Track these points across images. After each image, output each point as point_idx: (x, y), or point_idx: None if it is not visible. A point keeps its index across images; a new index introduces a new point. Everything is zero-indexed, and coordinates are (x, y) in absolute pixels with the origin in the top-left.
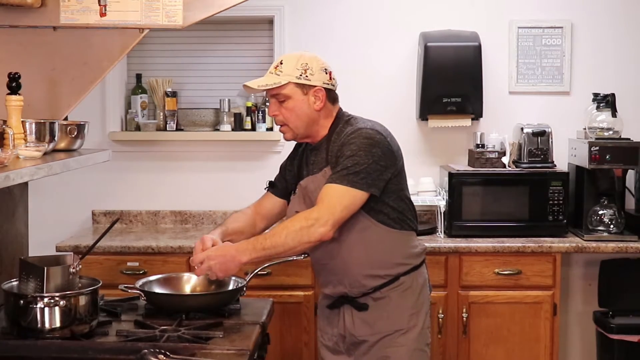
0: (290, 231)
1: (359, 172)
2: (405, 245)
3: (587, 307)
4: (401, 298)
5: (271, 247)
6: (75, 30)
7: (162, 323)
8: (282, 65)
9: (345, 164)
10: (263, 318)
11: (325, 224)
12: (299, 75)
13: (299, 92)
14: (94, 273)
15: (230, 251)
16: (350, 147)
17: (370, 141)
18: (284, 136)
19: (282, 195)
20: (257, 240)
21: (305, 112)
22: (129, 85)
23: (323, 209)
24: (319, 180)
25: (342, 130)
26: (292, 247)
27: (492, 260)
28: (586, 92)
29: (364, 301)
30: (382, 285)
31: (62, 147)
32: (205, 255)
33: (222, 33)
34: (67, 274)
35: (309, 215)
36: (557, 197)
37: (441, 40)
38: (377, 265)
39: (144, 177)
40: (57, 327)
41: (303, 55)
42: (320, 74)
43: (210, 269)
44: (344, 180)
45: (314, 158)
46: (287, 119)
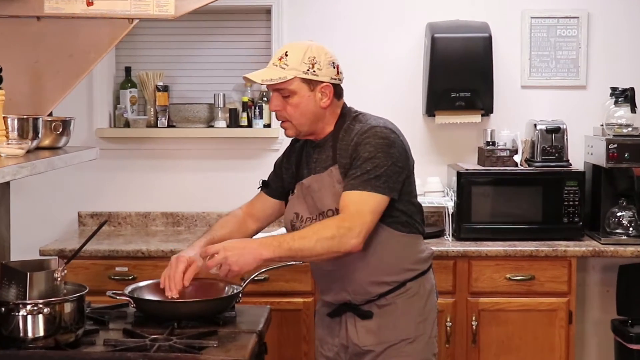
0: (321, 237)
1: (380, 176)
2: (413, 250)
3: (605, 315)
4: (408, 305)
5: (298, 249)
6: (61, 20)
7: (152, 332)
8: (287, 58)
9: (364, 168)
10: (260, 326)
11: (358, 236)
12: (306, 70)
13: (305, 88)
14: (80, 279)
15: (252, 244)
16: (366, 148)
17: (386, 141)
18: (285, 132)
19: (277, 196)
20: (283, 238)
21: (310, 109)
22: (118, 79)
23: (355, 218)
24: (324, 179)
25: (351, 127)
26: (319, 254)
27: (503, 265)
28: (603, 86)
29: (367, 309)
30: (388, 292)
31: (47, 145)
32: (222, 246)
33: (217, 24)
34: (51, 280)
35: (341, 223)
36: (573, 198)
37: (449, 31)
38: (384, 271)
39: (134, 177)
40: (40, 336)
41: (310, 47)
42: (328, 68)
43: (226, 261)
44: (367, 186)
45: (317, 156)
46: (290, 115)
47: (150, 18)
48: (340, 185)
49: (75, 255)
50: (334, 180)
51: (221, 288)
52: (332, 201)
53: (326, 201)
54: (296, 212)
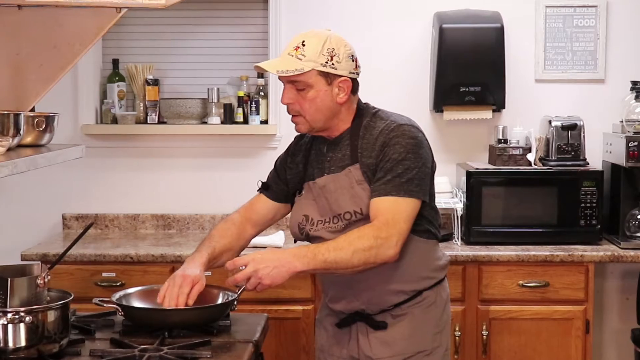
0: (357, 249)
1: (412, 179)
2: (432, 257)
3: (624, 324)
4: (424, 315)
5: (333, 262)
6: (43, 9)
7: (142, 342)
8: (304, 48)
9: (395, 171)
10: (256, 336)
11: (395, 246)
12: (325, 62)
13: (322, 82)
14: (64, 285)
15: (285, 256)
16: (396, 149)
17: (415, 141)
18: (296, 127)
19: (278, 198)
20: (318, 249)
21: (327, 104)
22: (105, 72)
23: (391, 227)
24: (340, 179)
25: (371, 125)
26: (354, 267)
27: (515, 271)
28: (623, 80)
29: (381, 319)
30: (404, 302)
31: (29, 142)
32: (251, 257)
33: (210, 13)
34: (33, 286)
35: (378, 233)
36: (590, 199)
37: (458, 21)
38: (404, 279)
39: (122, 176)
40: (22, 347)
41: (329, 38)
42: (348, 61)
43: (256, 274)
44: (401, 191)
45: (331, 154)
46: (304, 109)
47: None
48: (360, 186)
49: (59, 260)
50: (352, 180)
51: (215, 295)
52: (351, 203)
53: (343, 203)
54: (305, 215)
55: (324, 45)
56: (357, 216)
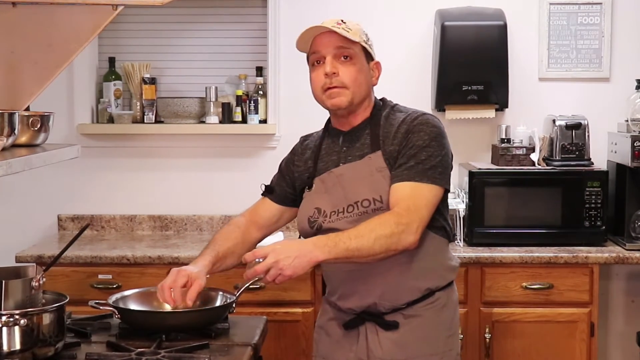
0: (379, 235)
1: (436, 166)
2: (445, 256)
3: (630, 326)
4: (437, 317)
5: (355, 249)
6: (38, 6)
7: (138, 345)
8: (346, 24)
9: (419, 157)
10: (255, 339)
11: (415, 232)
12: (365, 40)
13: (364, 58)
14: (60, 287)
15: (306, 245)
16: (420, 136)
17: (439, 130)
18: (335, 100)
19: (282, 201)
20: (338, 238)
21: (366, 80)
22: (101, 71)
23: (412, 213)
24: (359, 167)
25: (392, 116)
26: (376, 254)
27: (519, 273)
28: (628, 79)
29: (392, 318)
30: (416, 301)
31: (24, 142)
32: (271, 248)
33: (208, 11)
34: (28, 289)
35: (399, 219)
36: (595, 199)
37: (460, 18)
38: (419, 274)
39: (118, 177)
40: (17, 350)
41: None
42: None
43: (277, 265)
44: (424, 177)
45: (348, 144)
46: (350, 80)
47: (136, 4)
48: (380, 173)
49: (54, 262)
50: (372, 168)
51: (213, 297)
52: (369, 190)
53: (361, 190)
54: (317, 207)
55: (360, 27)
56: (376, 204)
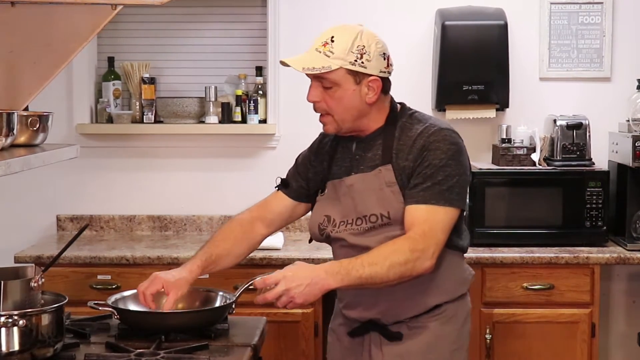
0: (394, 263)
1: (453, 187)
2: (456, 269)
3: (631, 327)
4: (442, 329)
5: (369, 277)
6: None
7: (138, 345)
8: (333, 44)
9: (436, 177)
10: (255, 339)
11: (432, 257)
12: (354, 60)
13: (350, 81)
14: (58, 288)
15: (318, 272)
16: (437, 155)
17: (456, 147)
18: (324, 128)
19: (296, 197)
20: (351, 265)
21: (354, 104)
22: (100, 71)
23: (428, 238)
24: (369, 180)
25: (408, 126)
26: (390, 281)
27: (519, 273)
28: (630, 78)
29: (396, 329)
30: (422, 314)
31: (22, 142)
32: (282, 275)
33: (208, 10)
34: (27, 289)
35: (414, 246)
36: (596, 200)
37: (461, 18)
38: (427, 290)
39: (117, 177)
40: (15, 351)
41: (360, 34)
42: (378, 60)
43: (288, 293)
44: (441, 199)
45: (361, 153)
46: (331, 108)
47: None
48: (389, 188)
49: (53, 262)
50: (382, 181)
51: (213, 298)
52: (378, 205)
53: (370, 204)
54: (327, 215)
55: (354, 42)
56: (383, 220)
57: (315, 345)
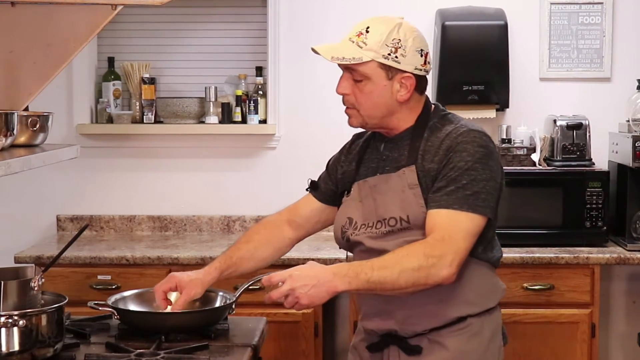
0: (405, 268)
1: (479, 193)
2: (483, 282)
3: (631, 327)
4: (465, 345)
5: (377, 282)
6: (37, 6)
7: (138, 346)
8: (367, 35)
9: (459, 181)
10: (255, 340)
11: (450, 265)
12: (388, 53)
13: (382, 75)
14: (59, 288)
15: (325, 274)
16: (463, 157)
17: (485, 151)
18: (349, 121)
19: (325, 200)
20: (361, 268)
21: (384, 100)
22: (100, 71)
23: (446, 245)
24: (392, 181)
25: (438, 127)
26: (402, 288)
27: (520, 274)
28: (630, 79)
29: (416, 342)
30: (443, 326)
31: (22, 142)
32: (288, 274)
33: (208, 10)
34: (27, 289)
35: (430, 251)
36: (596, 200)
37: (461, 18)
38: (446, 300)
39: (117, 177)
40: (15, 351)
41: (397, 27)
42: (414, 56)
43: (293, 293)
44: (464, 204)
45: (387, 153)
46: (360, 103)
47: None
48: (411, 190)
49: (53, 263)
50: (404, 183)
51: (213, 298)
52: (398, 208)
53: (390, 207)
54: (349, 217)
55: (389, 34)
56: (402, 224)
57: (315, 346)
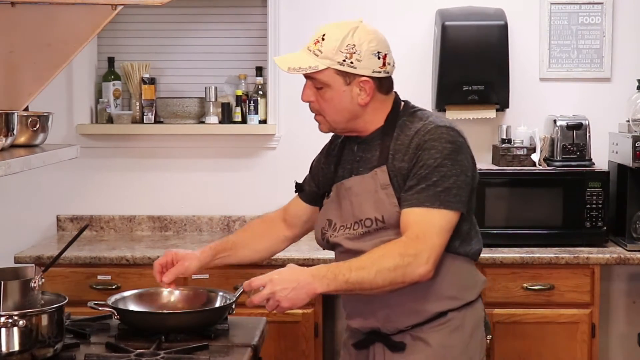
0: (381, 268)
1: (450, 188)
2: (462, 276)
3: (631, 327)
4: (448, 340)
5: (356, 282)
6: (37, 6)
7: (138, 346)
8: (323, 43)
9: (430, 179)
10: (255, 340)
11: (426, 262)
12: (343, 60)
13: (340, 82)
14: (58, 288)
15: (305, 277)
16: (431, 154)
17: (453, 146)
18: (318, 127)
19: (310, 200)
20: (339, 269)
21: (345, 105)
22: (100, 71)
23: (421, 243)
24: (366, 182)
25: (408, 125)
26: (380, 287)
27: (520, 274)
28: (630, 79)
29: (400, 339)
30: (424, 322)
31: (22, 142)
32: (269, 278)
33: (208, 10)
34: (27, 290)
35: (405, 250)
36: (596, 200)
37: (461, 18)
38: (422, 297)
39: (117, 177)
40: (15, 351)
41: (352, 32)
42: (371, 59)
43: (274, 296)
44: (436, 201)
45: (361, 154)
46: (323, 109)
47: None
48: (384, 191)
49: (53, 263)
50: (377, 184)
51: (213, 298)
52: (373, 209)
53: (365, 208)
54: (329, 219)
55: (343, 40)
56: (378, 224)
57: (315, 346)
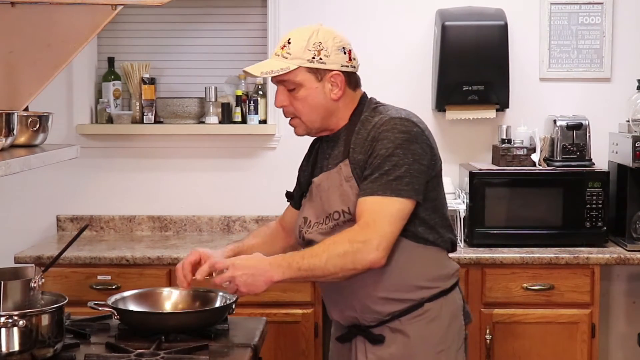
0: (331, 255)
1: (402, 177)
2: (432, 266)
3: (631, 327)
4: (425, 331)
5: (309, 269)
6: (37, 6)
7: (138, 346)
8: (290, 46)
9: (382, 168)
10: (255, 340)
11: (377, 249)
12: (312, 57)
13: (312, 79)
14: (58, 288)
15: (263, 264)
16: (384, 144)
17: (407, 135)
18: (295, 131)
19: (298, 207)
20: (293, 258)
21: (320, 102)
22: (100, 71)
23: (371, 230)
24: (332, 177)
25: (369, 119)
26: (332, 273)
27: (520, 274)
28: (630, 79)
29: (379, 332)
30: (402, 313)
31: (22, 142)
32: (231, 262)
33: (208, 10)
34: (27, 290)
35: (354, 237)
36: (596, 200)
37: (461, 18)
38: (392, 287)
39: (117, 177)
40: (15, 351)
41: (316, 32)
42: (338, 54)
43: (234, 280)
44: (387, 190)
45: (330, 151)
46: (298, 111)
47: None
48: (348, 183)
49: (53, 263)
50: (342, 177)
51: (213, 298)
52: (340, 202)
53: (333, 201)
54: (305, 217)
55: (309, 40)
56: (345, 216)
57: (315, 346)
